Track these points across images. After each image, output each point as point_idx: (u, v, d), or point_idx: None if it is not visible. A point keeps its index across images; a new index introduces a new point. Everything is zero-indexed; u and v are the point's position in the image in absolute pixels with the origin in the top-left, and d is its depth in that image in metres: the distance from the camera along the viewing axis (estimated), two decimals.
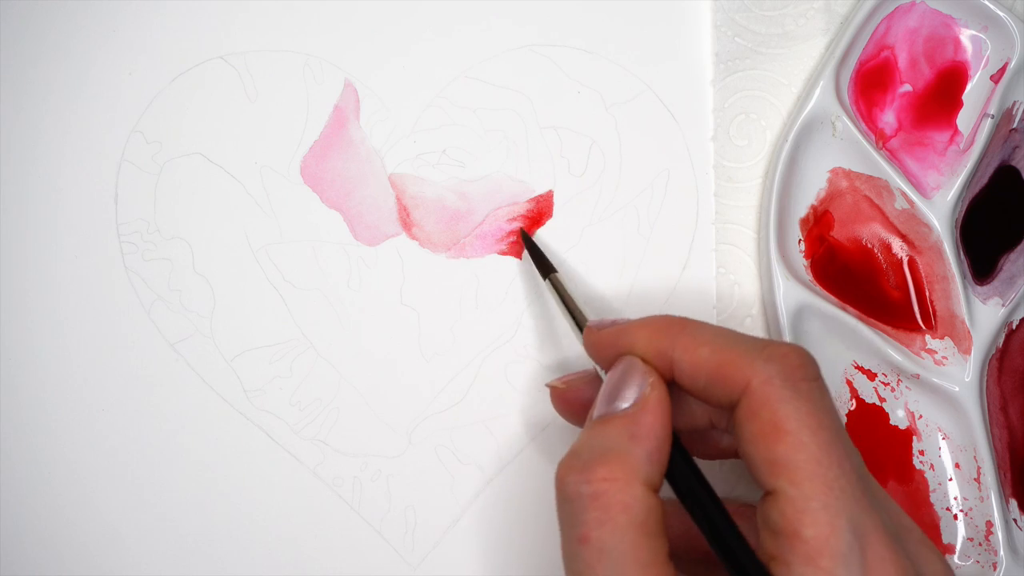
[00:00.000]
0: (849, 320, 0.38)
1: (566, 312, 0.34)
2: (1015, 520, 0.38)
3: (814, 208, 0.40)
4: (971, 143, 0.40)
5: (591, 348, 0.31)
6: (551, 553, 0.37)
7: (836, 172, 0.40)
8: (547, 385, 0.34)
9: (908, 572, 0.25)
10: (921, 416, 0.39)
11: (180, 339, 0.38)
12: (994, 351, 0.39)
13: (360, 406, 0.38)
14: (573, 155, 0.40)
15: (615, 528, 0.26)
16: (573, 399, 0.33)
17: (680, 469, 0.28)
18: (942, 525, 0.38)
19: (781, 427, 0.26)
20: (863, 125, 0.40)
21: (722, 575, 0.27)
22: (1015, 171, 0.41)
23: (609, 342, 0.30)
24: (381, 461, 0.38)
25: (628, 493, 0.26)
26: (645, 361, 0.29)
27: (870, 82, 0.40)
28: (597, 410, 0.29)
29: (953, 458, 0.39)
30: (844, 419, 0.39)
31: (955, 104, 0.40)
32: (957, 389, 0.38)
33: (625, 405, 0.28)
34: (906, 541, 0.27)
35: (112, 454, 0.38)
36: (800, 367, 0.27)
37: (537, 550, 0.38)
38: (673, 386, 0.29)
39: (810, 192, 0.40)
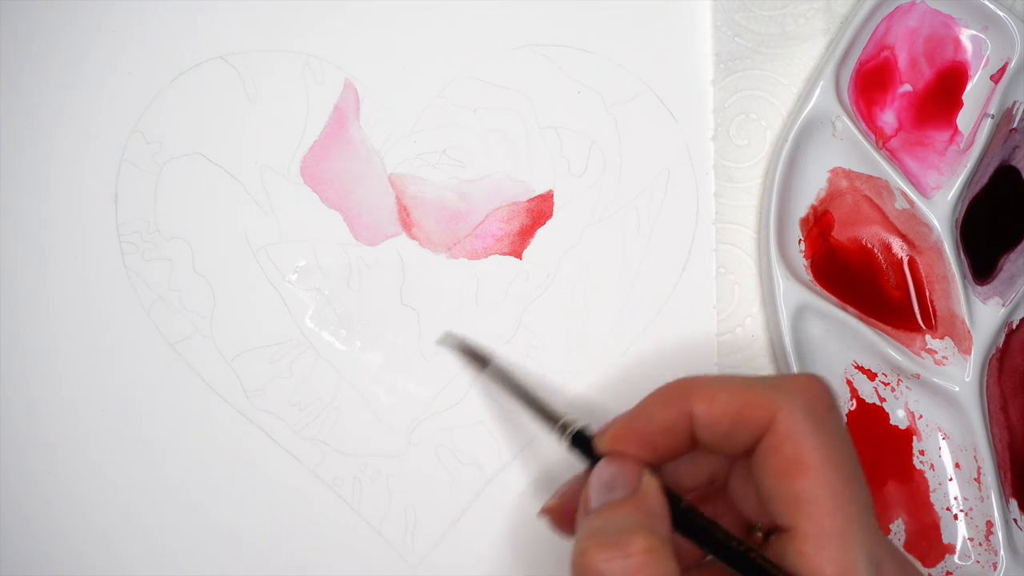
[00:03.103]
0: (849, 320, 0.38)
1: (528, 406, 0.32)
2: (1015, 520, 0.38)
3: (814, 208, 0.40)
4: (971, 143, 0.40)
5: (611, 443, 0.29)
6: (551, 553, 0.37)
7: (836, 172, 0.40)
8: (540, 514, 0.31)
9: None
10: (921, 416, 0.39)
11: (180, 339, 0.38)
12: (994, 351, 0.39)
13: (360, 406, 0.38)
14: (573, 155, 0.40)
15: None
16: (572, 511, 0.30)
17: (697, 524, 0.28)
18: (942, 525, 0.38)
19: (804, 461, 0.26)
20: (863, 125, 0.40)
21: None
22: (1015, 171, 0.41)
23: (628, 432, 0.29)
24: (381, 461, 0.38)
25: (666, 565, 0.26)
26: (663, 430, 0.28)
27: (870, 82, 0.40)
28: (595, 501, 0.28)
29: (953, 458, 0.39)
30: (844, 419, 0.39)
31: (955, 104, 0.40)
32: (957, 389, 0.38)
33: (623, 494, 0.28)
34: (908, 570, 0.27)
35: (112, 454, 0.38)
36: (821, 396, 0.27)
37: (537, 550, 0.38)
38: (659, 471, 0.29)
39: (810, 192, 0.40)
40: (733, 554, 0.27)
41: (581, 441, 0.30)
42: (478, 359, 0.35)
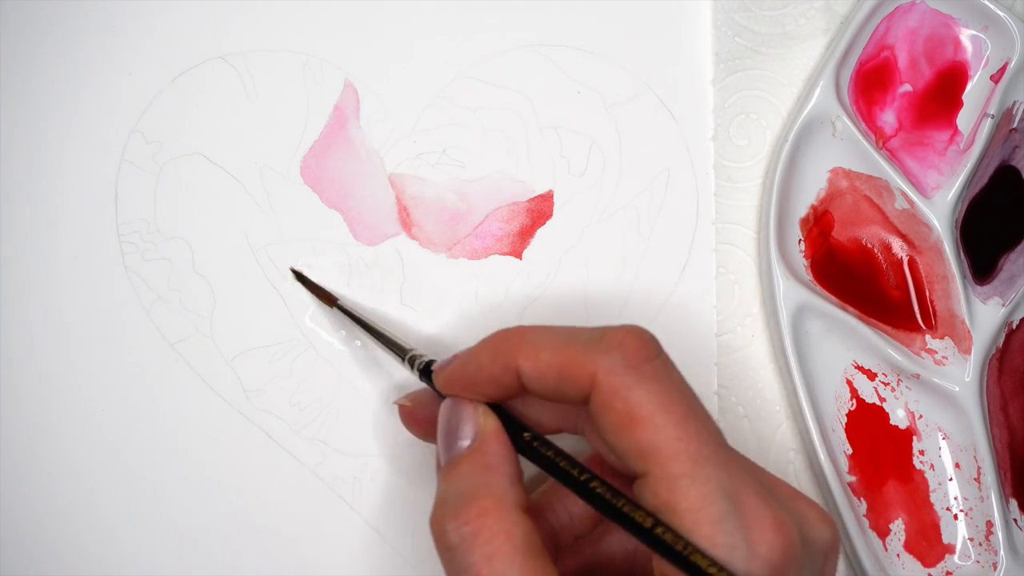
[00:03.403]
0: (849, 320, 0.38)
1: (372, 338, 0.35)
2: (1015, 520, 0.38)
3: (814, 208, 0.40)
4: (971, 143, 0.40)
5: (446, 389, 0.31)
6: None
7: (836, 172, 0.40)
8: (394, 403, 0.34)
9: (785, 523, 0.26)
10: (921, 416, 0.39)
11: (180, 339, 0.38)
12: (994, 351, 0.39)
13: (360, 406, 0.38)
14: (573, 155, 0.40)
15: (504, 558, 0.26)
16: (421, 418, 0.33)
17: (536, 452, 0.29)
18: (942, 525, 0.38)
19: (634, 415, 0.27)
20: (863, 125, 0.40)
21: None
22: (1015, 171, 0.41)
23: (460, 377, 0.30)
24: (381, 461, 0.38)
25: (506, 520, 0.27)
26: (494, 380, 0.29)
27: (870, 82, 0.40)
28: (443, 457, 0.30)
29: (953, 458, 0.39)
30: (844, 419, 0.39)
31: (955, 104, 0.40)
32: (957, 389, 0.38)
33: (466, 442, 0.29)
34: (784, 499, 0.27)
35: (112, 454, 0.38)
36: (640, 349, 0.28)
37: None
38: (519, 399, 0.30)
39: (810, 192, 0.40)
40: (577, 484, 0.28)
41: (429, 372, 0.32)
42: (326, 296, 0.38)
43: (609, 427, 0.27)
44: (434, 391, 0.32)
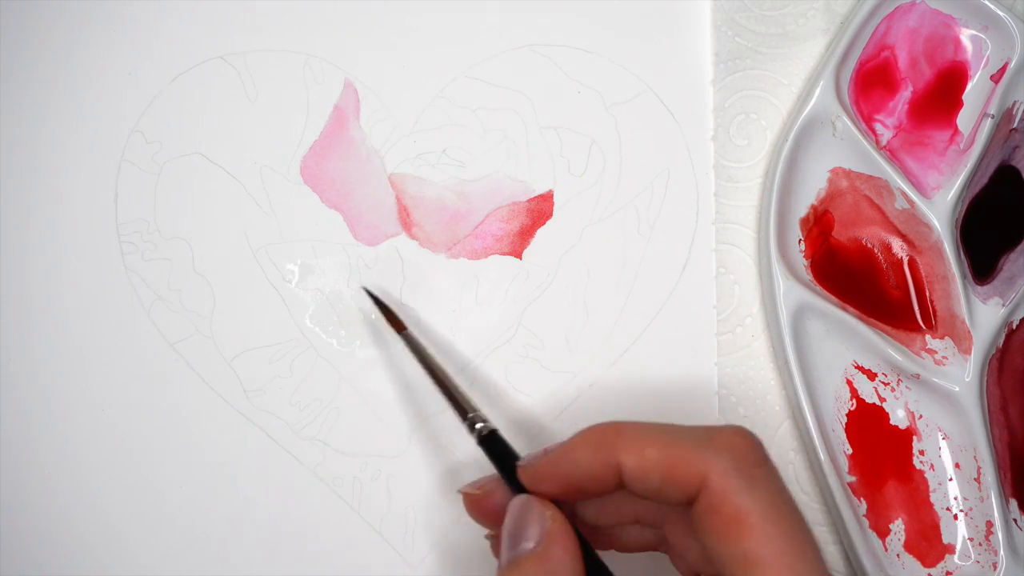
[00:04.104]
0: (849, 320, 0.38)
1: (433, 381, 0.34)
2: (1015, 520, 0.38)
3: (814, 208, 0.40)
4: (971, 143, 0.39)
5: (533, 487, 0.30)
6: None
7: (836, 172, 0.40)
8: (460, 491, 0.32)
9: None
10: (921, 416, 0.39)
11: (180, 339, 0.38)
12: (994, 351, 0.39)
13: (360, 406, 0.38)
14: (573, 155, 0.40)
15: None
16: (488, 507, 0.32)
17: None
18: (942, 525, 0.38)
19: (744, 521, 0.26)
20: (863, 125, 0.40)
21: None
22: (1015, 171, 0.41)
23: (553, 474, 0.29)
24: (381, 461, 0.38)
25: None
26: (591, 478, 0.29)
27: (870, 82, 0.40)
28: (504, 558, 0.29)
29: (953, 458, 0.39)
30: (844, 419, 0.39)
31: (955, 104, 0.40)
32: (957, 389, 0.38)
33: (531, 545, 0.28)
34: None
35: (112, 453, 0.38)
36: (750, 452, 0.27)
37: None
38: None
39: (810, 192, 0.40)
40: None
41: (492, 444, 0.31)
42: (395, 322, 0.37)
43: (715, 532, 0.26)
44: (503, 478, 0.31)
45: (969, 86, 0.40)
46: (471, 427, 0.32)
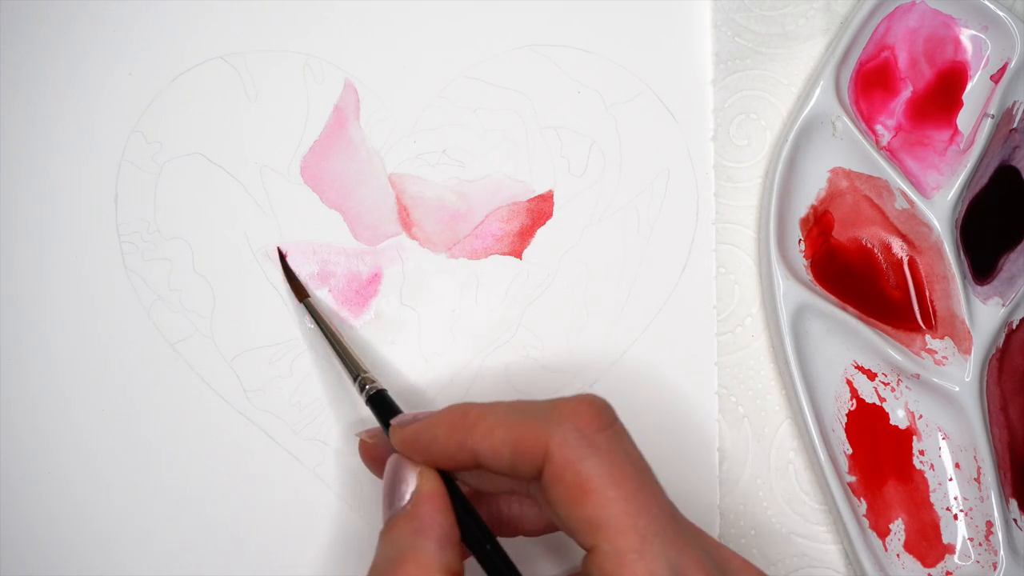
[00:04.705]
0: (849, 320, 0.38)
1: (331, 346, 0.36)
2: (1015, 520, 0.38)
3: (814, 208, 0.40)
4: (971, 143, 0.39)
5: (402, 450, 0.30)
6: (550, 553, 0.37)
7: (836, 172, 0.40)
8: (356, 435, 0.34)
9: None
10: (921, 416, 0.39)
11: (180, 339, 0.38)
12: (994, 351, 0.39)
13: (360, 406, 0.38)
14: (573, 155, 0.40)
15: None
16: (378, 456, 0.33)
17: (474, 535, 0.29)
18: (942, 525, 0.38)
19: (585, 487, 0.26)
20: (863, 125, 0.40)
21: None
22: (1015, 171, 0.41)
23: (415, 443, 0.30)
24: None
25: None
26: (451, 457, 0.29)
27: (870, 82, 0.40)
28: (383, 518, 0.29)
29: (953, 458, 0.39)
30: (844, 419, 0.39)
31: (955, 104, 0.40)
32: (957, 389, 0.38)
33: (403, 503, 0.29)
34: (734, 573, 0.28)
35: (112, 454, 0.38)
36: (593, 419, 0.28)
37: (536, 550, 0.38)
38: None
39: (810, 192, 0.40)
40: (483, 556, 0.29)
41: (379, 403, 0.33)
42: (299, 289, 0.38)
43: (559, 500, 0.27)
44: (383, 428, 0.32)
45: (969, 86, 0.40)
46: (361, 388, 0.33)
